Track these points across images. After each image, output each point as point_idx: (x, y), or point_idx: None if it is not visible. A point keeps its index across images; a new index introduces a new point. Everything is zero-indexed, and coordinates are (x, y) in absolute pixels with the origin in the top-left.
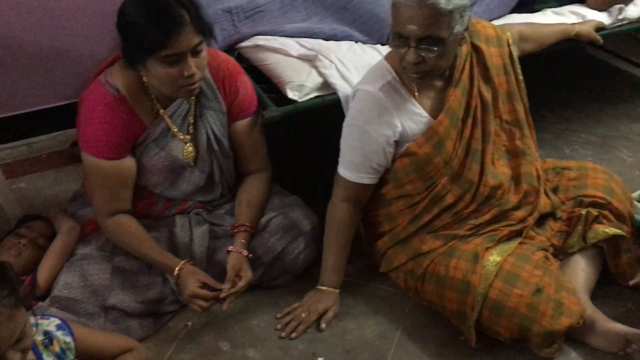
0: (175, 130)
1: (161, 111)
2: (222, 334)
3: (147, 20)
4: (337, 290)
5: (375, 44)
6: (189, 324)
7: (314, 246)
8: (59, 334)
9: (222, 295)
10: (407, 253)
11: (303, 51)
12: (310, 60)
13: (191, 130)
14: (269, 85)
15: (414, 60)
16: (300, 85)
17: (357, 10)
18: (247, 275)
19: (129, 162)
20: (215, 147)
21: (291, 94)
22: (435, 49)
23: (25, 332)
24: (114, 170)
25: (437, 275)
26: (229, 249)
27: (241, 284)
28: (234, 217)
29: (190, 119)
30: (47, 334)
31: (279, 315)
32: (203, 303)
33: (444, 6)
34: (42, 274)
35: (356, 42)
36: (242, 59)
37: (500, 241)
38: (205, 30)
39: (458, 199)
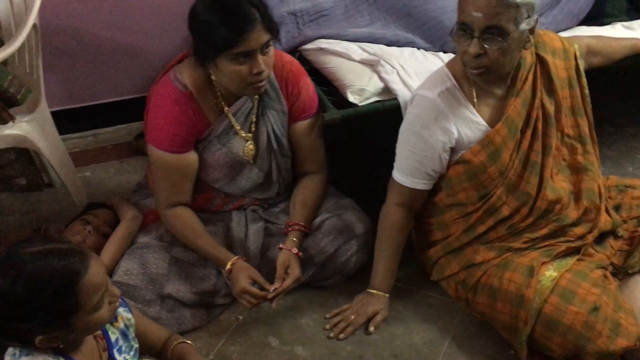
0: (238, 127)
1: (226, 109)
2: (271, 330)
3: (219, 19)
4: (387, 295)
5: (438, 51)
6: (240, 317)
7: (366, 249)
8: (121, 310)
9: (270, 295)
10: (459, 262)
11: (365, 56)
12: (372, 65)
13: (253, 129)
14: (329, 88)
15: (476, 52)
16: (361, 89)
17: (422, 17)
18: (294, 272)
19: (192, 157)
20: (275, 146)
21: (351, 98)
22: (500, 39)
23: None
24: (177, 164)
25: (489, 286)
26: (281, 246)
27: (288, 282)
28: (288, 215)
29: (253, 118)
30: None
31: (328, 315)
32: (252, 300)
33: None
34: (104, 259)
35: (418, 48)
36: (303, 60)
37: (557, 257)
38: (273, 28)
39: (514, 212)
